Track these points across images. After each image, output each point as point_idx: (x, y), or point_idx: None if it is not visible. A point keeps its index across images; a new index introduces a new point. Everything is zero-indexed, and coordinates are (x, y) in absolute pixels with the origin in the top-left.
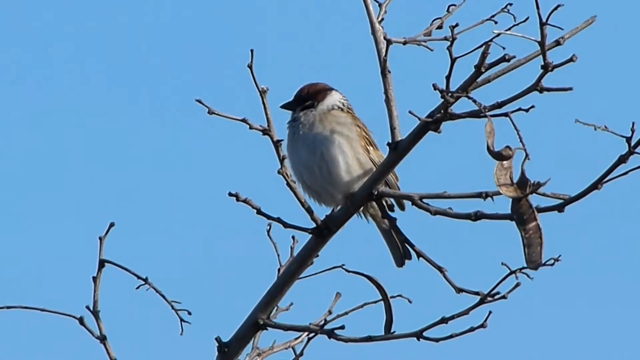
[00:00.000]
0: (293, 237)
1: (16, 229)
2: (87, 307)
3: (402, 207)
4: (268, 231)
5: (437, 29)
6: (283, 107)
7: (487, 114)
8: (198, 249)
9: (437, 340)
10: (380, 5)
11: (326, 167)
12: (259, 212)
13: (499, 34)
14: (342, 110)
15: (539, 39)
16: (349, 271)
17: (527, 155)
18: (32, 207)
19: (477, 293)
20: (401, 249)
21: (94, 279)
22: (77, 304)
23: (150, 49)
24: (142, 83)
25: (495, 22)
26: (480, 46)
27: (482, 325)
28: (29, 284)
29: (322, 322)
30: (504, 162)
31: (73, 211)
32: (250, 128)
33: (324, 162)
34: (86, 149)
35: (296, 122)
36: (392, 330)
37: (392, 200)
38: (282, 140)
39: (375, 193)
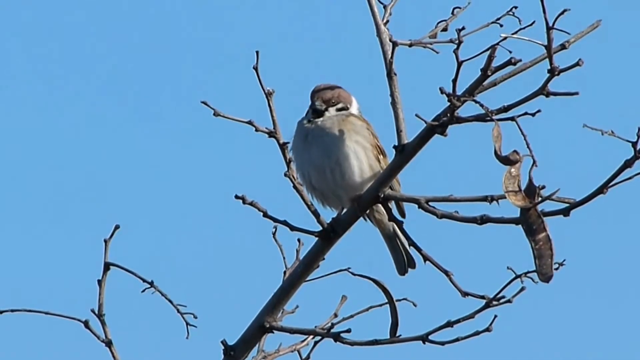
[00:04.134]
0: (299, 240)
1: (20, 231)
2: (92, 311)
3: (403, 214)
4: (274, 234)
5: (442, 31)
6: (316, 112)
7: (493, 117)
8: (204, 252)
9: (442, 343)
10: (385, 7)
11: (340, 171)
12: (265, 215)
13: (505, 38)
14: (358, 117)
15: (545, 43)
16: (354, 274)
17: (534, 162)
18: (37, 209)
19: (482, 297)
20: (405, 256)
21: (99, 282)
22: (82, 307)
23: (155, 50)
24: (148, 85)
25: (501, 25)
26: (487, 49)
27: (488, 329)
28: (33, 286)
29: (329, 325)
30: (512, 170)
31: (78, 213)
32: (256, 130)
33: (338, 166)
34: (91, 151)
35: (311, 123)
36: (397, 334)
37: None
38: (288, 142)
39: (382, 196)
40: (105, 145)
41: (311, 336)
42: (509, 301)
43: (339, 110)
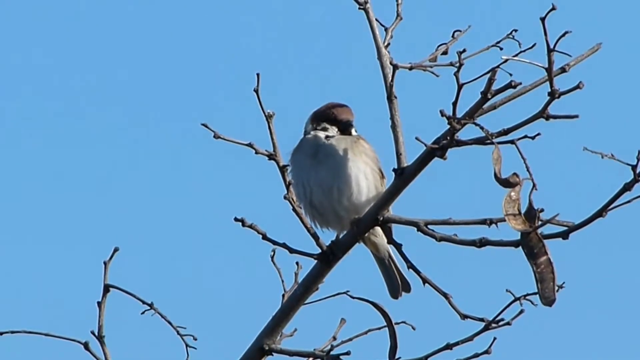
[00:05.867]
0: (297, 263)
1: (21, 253)
2: (92, 332)
3: (391, 235)
4: (272, 257)
5: (442, 54)
6: (348, 129)
7: (493, 140)
8: (203, 274)
9: None
10: (386, 30)
11: (347, 191)
12: (265, 237)
13: (506, 60)
14: (364, 139)
15: (546, 66)
16: (353, 297)
17: (534, 185)
18: (37, 231)
19: (481, 319)
20: (399, 279)
21: (99, 303)
22: (82, 329)
23: (156, 74)
24: (148, 107)
25: (501, 49)
26: (487, 72)
27: (487, 352)
28: (33, 308)
29: (328, 347)
30: (512, 193)
31: (78, 235)
32: (256, 153)
33: (347, 186)
34: (91, 173)
35: (328, 139)
36: (397, 356)
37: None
38: (288, 165)
39: (381, 219)
40: (105, 167)
41: (310, 358)
42: (508, 324)
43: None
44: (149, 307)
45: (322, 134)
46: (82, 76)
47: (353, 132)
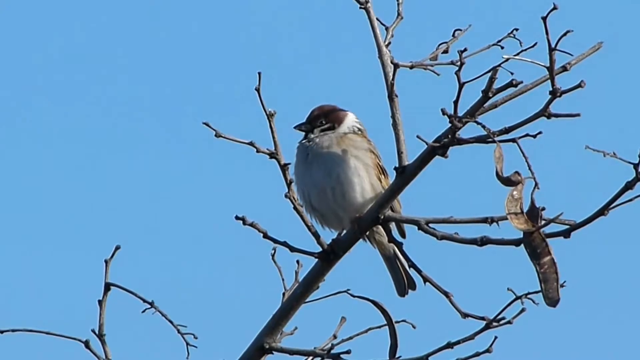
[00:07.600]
0: (298, 262)
1: (22, 251)
2: (93, 331)
3: (403, 235)
4: (272, 255)
5: (443, 53)
6: (298, 128)
7: (495, 139)
8: (204, 273)
9: None
10: (387, 28)
11: (341, 190)
12: (265, 236)
13: (507, 59)
14: (357, 133)
15: (547, 64)
16: (354, 296)
17: (536, 184)
18: (38, 229)
19: (482, 318)
20: (405, 277)
21: (100, 302)
22: (82, 328)
23: (158, 73)
24: (149, 106)
25: (502, 47)
26: (489, 71)
27: (488, 350)
28: (34, 306)
29: (329, 346)
30: (514, 192)
31: (79, 234)
32: (257, 151)
33: (339, 184)
34: (92, 172)
35: (310, 142)
36: (397, 355)
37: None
38: (289, 164)
39: (382, 217)
40: (106, 165)
41: (311, 357)
42: (509, 322)
43: (323, 130)
44: (149, 306)
45: (310, 136)
46: (83, 75)
47: (317, 132)
